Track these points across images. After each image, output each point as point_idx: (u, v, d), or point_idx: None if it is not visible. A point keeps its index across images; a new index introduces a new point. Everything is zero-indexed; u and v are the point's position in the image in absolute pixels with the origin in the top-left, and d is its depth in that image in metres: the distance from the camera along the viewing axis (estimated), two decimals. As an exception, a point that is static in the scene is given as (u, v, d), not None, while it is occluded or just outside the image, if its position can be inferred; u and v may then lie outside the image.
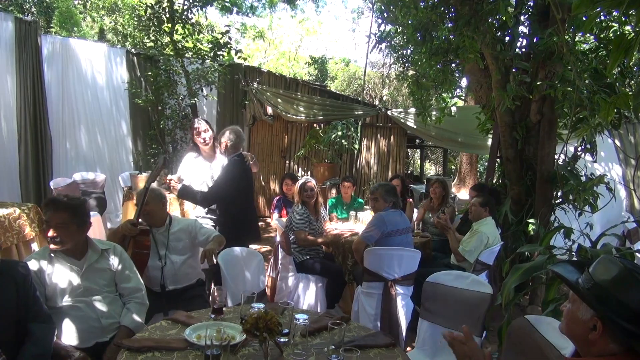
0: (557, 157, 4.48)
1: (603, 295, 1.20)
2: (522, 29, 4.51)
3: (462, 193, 12.53)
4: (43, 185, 6.28)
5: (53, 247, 2.19)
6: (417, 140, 11.83)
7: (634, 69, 4.36)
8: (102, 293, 2.28)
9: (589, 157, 4.72)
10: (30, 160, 6.22)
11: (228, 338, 1.72)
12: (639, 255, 2.92)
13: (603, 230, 2.99)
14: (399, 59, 6.13)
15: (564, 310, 1.33)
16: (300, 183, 4.10)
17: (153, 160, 7.00)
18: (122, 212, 6.02)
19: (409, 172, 15.16)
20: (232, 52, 7.08)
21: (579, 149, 4.62)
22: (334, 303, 3.95)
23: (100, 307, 2.25)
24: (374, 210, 3.71)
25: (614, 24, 3.94)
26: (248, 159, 3.76)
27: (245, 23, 15.71)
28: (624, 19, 3.72)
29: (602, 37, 3.98)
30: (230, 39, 7.04)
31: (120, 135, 7.37)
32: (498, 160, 5.00)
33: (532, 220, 4.27)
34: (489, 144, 5.29)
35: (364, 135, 8.18)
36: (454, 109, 6.70)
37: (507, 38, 4.39)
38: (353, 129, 7.73)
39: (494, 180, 5.18)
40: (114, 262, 2.37)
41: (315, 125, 8.14)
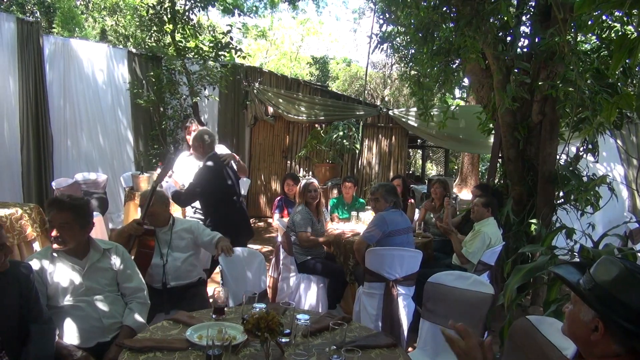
0: (558, 157, 4.47)
1: (604, 296, 1.19)
2: (523, 29, 4.51)
3: (463, 193, 12.52)
4: (45, 186, 6.29)
5: (56, 246, 2.20)
6: (418, 141, 11.82)
7: (637, 69, 4.34)
8: (103, 293, 2.28)
9: (591, 157, 4.70)
10: (32, 161, 6.23)
11: (229, 338, 1.73)
12: (641, 256, 2.91)
13: (605, 231, 2.97)
14: (401, 59, 6.13)
15: (566, 312, 1.32)
16: (304, 184, 4.06)
17: (155, 161, 7.00)
18: (123, 212, 6.03)
19: (411, 172, 15.15)
20: (232, 51, 7.08)
21: (581, 149, 4.60)
22: (336, 303, 3.95)
23: (102, 306, 2.25)
24: (375, 211, 3.71)
25: (616, 24, 3.93)
26: (226, 158, 3.84)
27: (247, 23, 15.72)
28: (626, 19, 3.71)
29: (603, 37, 3.97)
30: (232, 39, 7.04)
31: (122, 136, 7.36)
32: (500, 161, 4.99)
33: (533, 221, 4.26)
34: (491, 142, 5.28)
35: (365, 136, 8.18)
36: (454, 108, 6.68)
37: (508, 38, 4.39)
38: (354, 129, 7.73)
39: (496, 181, 5.17)
40: (116, 261, 2.38)
41: (317, 126, 8.14)
